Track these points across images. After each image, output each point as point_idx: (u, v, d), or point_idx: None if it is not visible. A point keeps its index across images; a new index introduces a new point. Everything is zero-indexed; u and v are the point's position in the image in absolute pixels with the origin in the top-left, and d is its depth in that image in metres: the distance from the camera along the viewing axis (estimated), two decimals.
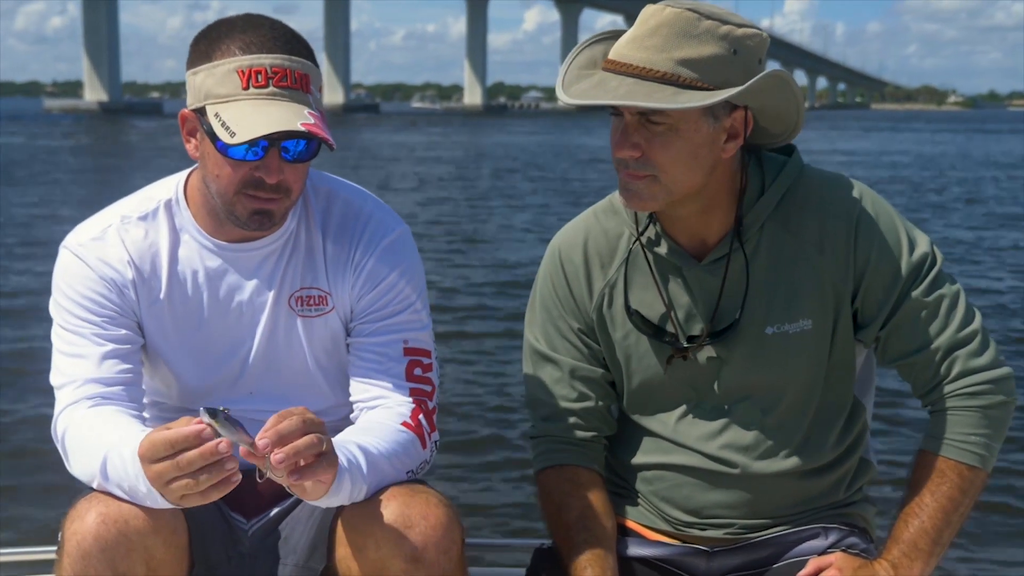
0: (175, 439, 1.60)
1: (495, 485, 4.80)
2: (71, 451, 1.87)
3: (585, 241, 2.10)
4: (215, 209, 1.95)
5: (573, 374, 2.10)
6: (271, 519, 2.05)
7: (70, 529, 1.79)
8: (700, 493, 2.07)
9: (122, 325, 1.97)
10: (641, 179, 1.88)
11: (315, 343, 2.04)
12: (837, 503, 2.09)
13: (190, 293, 2.01)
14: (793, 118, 1.95)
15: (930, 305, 1.95)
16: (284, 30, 1.87)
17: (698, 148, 1.87)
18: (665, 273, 2.03)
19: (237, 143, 1.77)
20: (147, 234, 2.01)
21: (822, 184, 1.99)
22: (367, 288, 2.02)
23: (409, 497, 1.85)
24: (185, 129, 1.92)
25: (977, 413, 1.95)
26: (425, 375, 2.03)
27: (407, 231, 2.08)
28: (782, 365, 1.99)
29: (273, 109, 1.79)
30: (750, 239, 1.97)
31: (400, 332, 2.02)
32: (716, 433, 2.04)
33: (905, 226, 1.98)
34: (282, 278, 2.02)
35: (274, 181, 1.85)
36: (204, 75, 1.83)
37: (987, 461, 1.96)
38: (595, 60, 1.93)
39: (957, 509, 1.95)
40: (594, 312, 2.09)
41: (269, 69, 1.81)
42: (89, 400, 1.90)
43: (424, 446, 1.97)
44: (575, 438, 2.12)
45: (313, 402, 2.05)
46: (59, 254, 2.00)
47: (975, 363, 1.95)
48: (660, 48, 1.81)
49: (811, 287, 1.96)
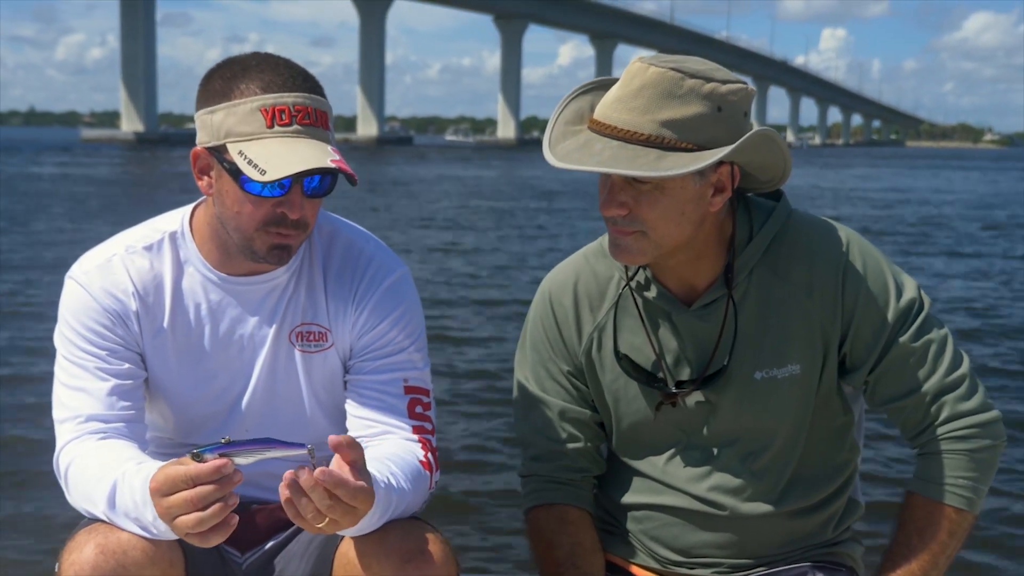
0: (195, 474, 1.60)
1: (488, 522, 4.81)
2: (75, 483, 1.87)
3: (575, 284, 2.12)
4: (225, 243, 1.98)
5: (563, 415, 2.13)
6: (266, 553, 2.07)
7: (68, 560, 1.80)
8: (688, 533, 2.09)
9: (125, 359, 1.98)
10: (629, 235, 1.90)
11: (314, 379, 2.07)
12: (825, 542, 2.11)
13: (193, 325, 2.03)
14: (780, 168, 1.97)
15: (918, 350, 1.97)
16: (299, 69, 1.91)
17: (685, 205, 1.88)
18: (654, 318, 2.05)
19: (269, 180, 1.79)
20: (152, 265, 2.02)
21: (810, 229, 2.01)
22: (368, 327, 2.04)
23: (406, 532, 1.87)
24: (197, 166, 1.93)
25: (965, 456, 1.97)
26: (426, 413, 2.05)
27: (407, 273, 2.11)
28: (771, 409, 2.01)
29: (301, 147, 1.82)
30: (739, 285, 1.99)
31: (400, 371, 2.04)
32: (705, 475, 2.07)
33: (892, 271, 2.01)
34: (284, 313, 2.04)
35: (297, 216, 1.88)
36: (224, 114, 1.85)
37: (974, 504, 1.98)
38: (582, 114, 1.94)
39: (944, 551, 1.98)
40: (583, 355, 2.11)
41: (292, 107, 1.84)
42: (93, 435, 1.91)
43: (430, 486, 2.00)
44: (564, 478, 2.14)
45: (310, 437, 2.08)
46: (64, 284, 2.01)
47: (963, 407, 1.97)
48: (644, 110, 1.82)
49: (800, 332, 1.98)
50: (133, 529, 1.78)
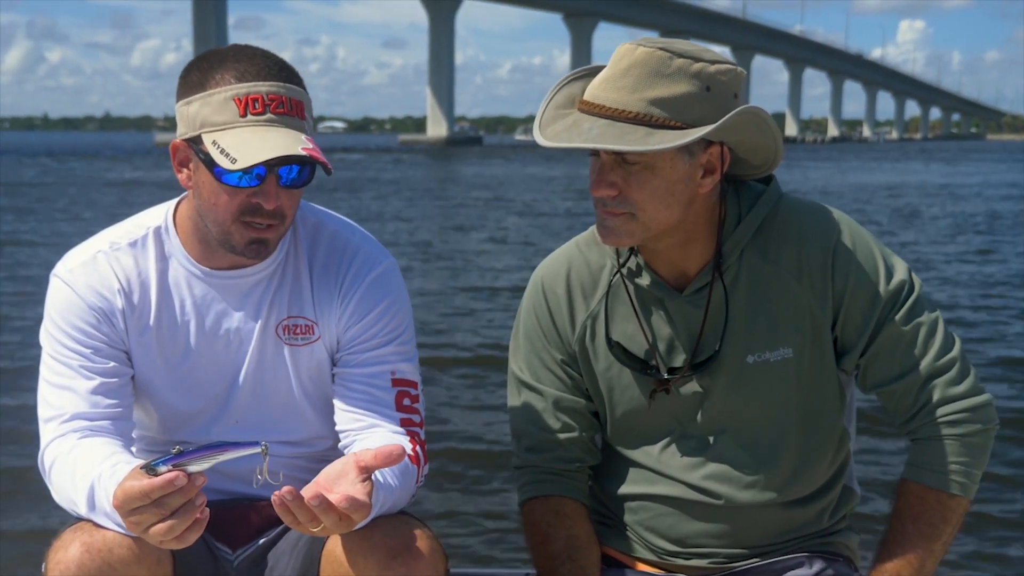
0: (148, 490, 1.56)
1: (479, 515, 4.78)
2: (58, 482, 1.87)
3: (568, 272, 2.11)
4: (207, 237, 1.97)
5: (557, 405, 2.11)
6: (258, 549, 2.07)
7: (54, 559, 1.79)
8: (684, 523, 2.07)
9: (110, 357, 1.97)
10: (618, 216, 1.89)
11: (301, 372, 2.06)
12: (821, 532, 2.09)
13: (178, 321, 2.02)
14: (771, 151, 1.94)
15: (908, 333, 1.95)
16: (276, 59, 1.90)
17: (674, 185, 1.87)
18: (647, 305, 2.04)
19: (238, 169, 1.78)
20: (136, 261, 2.01)
21: (800, 213, 1.99)
22: (354, 320, 2.03)
23: (394, 527, 1.86)
24: (176, 159, 1.93)
25: (957, 441, 1.95)
26: (413, 406, 2.03)
27: (394, 264, 2.10)
28: (764, 394, 1.99)
29: (273, 135, 1.81)
30: (729, 269, 1.98)
31: (387, 363, 2.03)
32: (700, 464, 2.04)
33: (883, 253, 1.98)
34: (269, 307, 2.03)
35: (272, 206, 1.86)
36: (199, 104, 1.84)
37: (968, 489, 1.96)
38: (573, 98, 1.94)
39: (940, 538, 1.96)
40: (576, 344, 2.10)
41: (266, 96, 1.83)
42: (76, 433, 1.90)
43: (418, 480, 1.99)
44: (559, 468, 2.12)
45: (298, 431, 2.09)
46: (50, 282, 2.01)
47: (954, 391, 1.95)
48: (632, 89, 1.82)
49: (791, 315, 1.96)
50: (116, 528, 1.77)
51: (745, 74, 1.93)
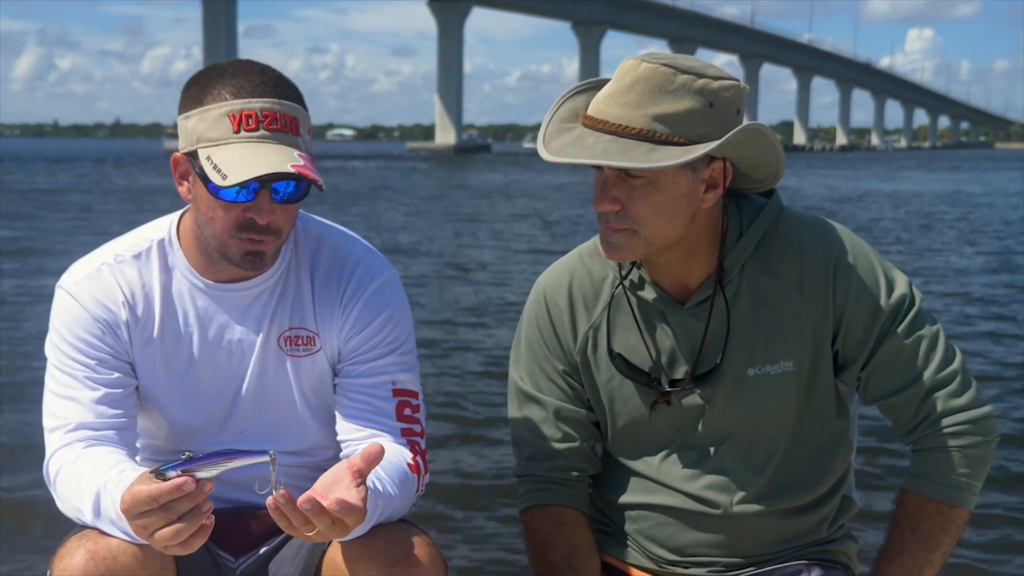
0: (157, 494, 1.58)
1: (479, 522, 4.77)
2: (63, 490, 1.89)
3: (570, 283, 2.12)
4: (208, 249, 1.98)
5: (558, 415, 2.13)
6: (260, 558, 2.08)
7: (59, 567, 1.81)
8: (683, 532, 2.08)
9: (115, 368, 1.99)
10: (620, 232, 1.90)
11: (303, 382, 2.07)
12: (820, 541, 2.09)
13: (181, 333, 2.04)
14: (773, 166, 1.96)
15: (910, 346, 1.96)
16: (274, 74, 1.91)
17: (677, 201, 1.88)
18: (648, 317, 2.05)
19: (228, 185, 1.80)
20: (140, 273, 2.03)
21: (801, 226, 2.00)
22: (355, 331, 2.05)
23: (392, 535, 1.88)
24: (177, 172, 1.95)
25: (958, 453, 1.96)
26: (414, 415, 2.05)
27: (395, 275, 2.11)
28: (764, 406, 2.00)
29: (264, 151, 1.82)
30: (731, 282, 1.99)
31: (388, 374, 2.04)
32: (699, 474, 2.06)
33: (883, 267, 1.99)
34: (271, 318, 2.05)
35: (265, 222, 1.88)
36: (196, 119, 1.87)
37: (968, 500, 1.97)
38: (576, 112, 1.96)
39: (939, 548, 1.98)
40: (578, 354, 2.11)
41: (259, 113, 1.84)
42: (81, 443, 1.92)
43: (418, 489, 2.00)
44: (560, 477, 2.14)
45: (300, 441, 2.10)
46: (55, 294, 2.03)
47: (955, 403, 1.96)
48: (635, 105, 1.83)
49: (792, 329, 1.97)
50: (121, 536, 1.78)
51: (748, 89, 1.94)
